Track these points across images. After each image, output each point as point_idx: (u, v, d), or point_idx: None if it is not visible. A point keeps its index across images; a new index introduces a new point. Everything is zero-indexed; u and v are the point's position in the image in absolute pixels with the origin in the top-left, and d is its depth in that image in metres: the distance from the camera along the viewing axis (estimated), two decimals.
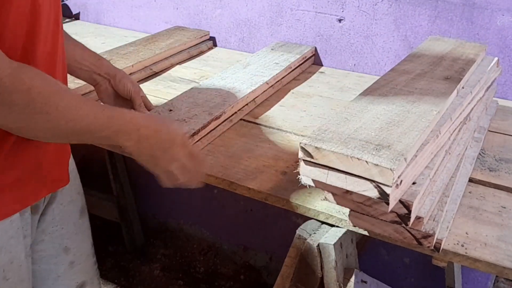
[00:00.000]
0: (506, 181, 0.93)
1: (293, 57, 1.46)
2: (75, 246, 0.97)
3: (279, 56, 1.47)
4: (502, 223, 0.81)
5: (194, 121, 1.06)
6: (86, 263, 1.01)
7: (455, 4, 1.36)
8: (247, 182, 0.92)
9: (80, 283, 0.99)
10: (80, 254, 0.98)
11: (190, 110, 1.11)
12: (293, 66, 1.45)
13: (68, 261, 0.96)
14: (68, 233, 0.95)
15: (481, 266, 0.74)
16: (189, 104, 1.14)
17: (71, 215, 0.95)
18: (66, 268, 0.96)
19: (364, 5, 1.47)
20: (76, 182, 0.98)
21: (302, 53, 1.51)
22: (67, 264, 0.96)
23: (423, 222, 0.72)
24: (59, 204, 0.92)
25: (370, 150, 0.69)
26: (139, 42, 1.59)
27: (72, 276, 0.97)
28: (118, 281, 1.97)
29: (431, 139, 0.77)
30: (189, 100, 1.16)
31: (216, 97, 1.18)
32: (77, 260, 0.98)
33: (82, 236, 0.99)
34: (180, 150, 0.80)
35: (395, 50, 1.48)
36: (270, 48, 1.55)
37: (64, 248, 0.94)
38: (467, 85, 1.01)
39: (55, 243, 0.93)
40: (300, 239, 0.87)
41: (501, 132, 1.13)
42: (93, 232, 1.05)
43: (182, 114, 1.09)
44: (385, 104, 0.85)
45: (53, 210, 0.91)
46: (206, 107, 1.12)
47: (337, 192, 0.73)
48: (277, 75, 1.35)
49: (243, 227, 2.00)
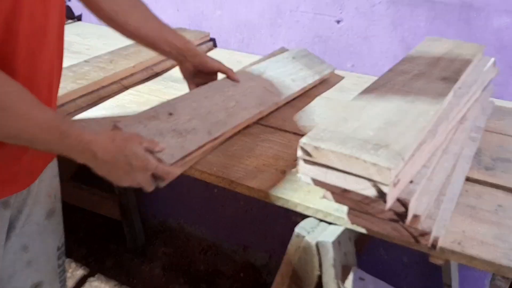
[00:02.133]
0: (502, 180, 0.94)
1: (311, 78, 1.37)
2: (35, 246, 0.96)
3: (298, 70, 1.38)
4: (499, 221, 0.82)
5: (189, 139, 0.96)
6: (46, 264, 1.00)
7: (452, 5, 1.37)
8: (247, 181, 0.93)
9: (36, 283, 0.99)
10: (39, 254, 0.98)
11: (190, 120, 1.01)
12: (308, 88, 1.36)
13: (26, 260, 0.96)
14: (29, 232, 0.94)
15: (478, 264, 0.75)
16: (191, 111, 1.04)
17: (36, 215, 0.95)
18: (23, 266, 0.96)
19: (362, 7, 1.48)
20: (49, 184, 0.97)
21: (322, 74, 1.42)
22: (24, 262, 0.95)
23: (420, 220, 0.73)
24: (28, 203, 0.92)
25: (368, 150, 0.69)
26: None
27: (28, 274, 0.97)
28: (119, 279, 1.98)
29: (428, 138, 0.79)
30: (193, 105, 1.06)
31: (221, 112, 1.08)
32: (34, 260, 0.97)
33: (45, 237, 0.98)
34: (140, 174, 0.81)
35: (393, 51, 1.49)
36: (291, 56, 1.43)
37: (23, 246, 0.94)
38: (464, 85, 1.02)
39: (15, 241, 0.93)
40: (299, 237, 0.87)
41: (497, 132, 1.14)
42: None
43: (180, 124, 0.98)
44: (383, 104, 0.86)
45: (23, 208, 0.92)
46: (206, 123, 1.02)
47: (336, 190, 0.74)
48: (289, 96, 1.26)
49: (243, 226, 2.01)
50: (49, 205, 0.98)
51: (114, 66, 1.38)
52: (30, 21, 0.74)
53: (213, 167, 0.98)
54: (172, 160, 0.89)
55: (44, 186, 0.96)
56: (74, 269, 2.01)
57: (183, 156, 0.92)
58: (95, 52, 1.56)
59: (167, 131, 0.96)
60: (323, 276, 0.87)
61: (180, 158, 0.91)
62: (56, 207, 1.00)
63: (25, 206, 0.92)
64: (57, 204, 1.01)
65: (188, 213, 2.15)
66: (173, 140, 0.94)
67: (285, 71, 1.35)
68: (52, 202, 0.99)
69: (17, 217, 0.91)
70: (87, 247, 2.11)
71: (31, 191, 0.92)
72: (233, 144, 1.08)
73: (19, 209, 0.91)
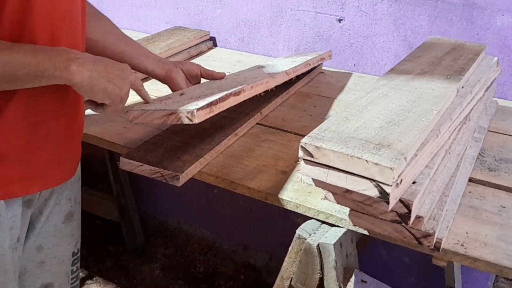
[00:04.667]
0: (505, 181, 0.93)
1: (310, 57, 1.40)
2: (50, 247, 0.96)
3: (296, 58, 1.41)
4: (502, 222, 0.82)
5: (211, 96, 0.94)
6: (58, 267, 1.00)
7: (455, 4, 1.36)
8: (247, 182, 0.92)
9: (46, 283, 0.99)
10: (53, 256, 0.98)
11: (204, 91, 1.00)
12: (312, 63, 1.37)
13: (39, 260, 0.96)
14: (46, 233, 0.95)
15: (481, 265, 0.74)
16: (203, 89, 1.03)
17: (55, 217, 0.95)
18: (35, 265, 0.96)
19: (364, 5, 1.48)
20: (71, 188, 0.98)
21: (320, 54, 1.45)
22: (36, 262, 0.96)
23: (423, 221, 0.72)
24: (49, 204, 0.93)
25: (370, 149, 0.69)
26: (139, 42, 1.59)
27: (39, 274, 0.97)
28: (118, 280, 1.97)
29: (431, 138, 0.78)
30: (202, 87, 1.06)
31: (233, 83, 1.07)
32: (48, 261, 0.97)
33: (60, 241, 0.98)
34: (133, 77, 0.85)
35: (395, 50, 1.48)
36: (284, 57, 1.50)
37: (38, 246, 0.95)
38: (467, 85, 1.02)
39: (32, 240, 0.93)
40: (300, 239, 0.87)
41: (500, 132, 1.13)
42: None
43: (195, 94, 0.98)
44: (385, 104, 0.85)
45: (44, 209, 0.92)
46: (223, 88, 1.01)
47: (337, 191, 0.73)
48: (296, 68, 1.27)
49: (243, 227, 2.01)
50: (68, 208, 0.98)
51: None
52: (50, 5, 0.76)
53: (213, 168, 0.97)
54: (198, 106, 0.87)
55: (66, 189, 0.96)
56: None
57: (208, 103, 0.89)
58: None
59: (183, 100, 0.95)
60: (324, 279, 0.87)
61: (206, 106, 0.88)
62: (75, 211, 1.00)
63: (46, 208, 0.92)
64: (76, 209, 1.01)
65: (188, 213, 2.15)
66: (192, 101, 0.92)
67: (283, 62, 1.37)
68: (72, 206, 0.99)
69: (37, 217, 0.92)
70: (86, 248, 2.10)
71: (54, 193, 0.93)
72: (233, 144, 1.07)
73: (40, 210, 0.92)
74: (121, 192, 1.97)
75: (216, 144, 1.01)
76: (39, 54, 0.72)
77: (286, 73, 1.21)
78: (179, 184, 0.90)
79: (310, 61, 1.36)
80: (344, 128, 0.75)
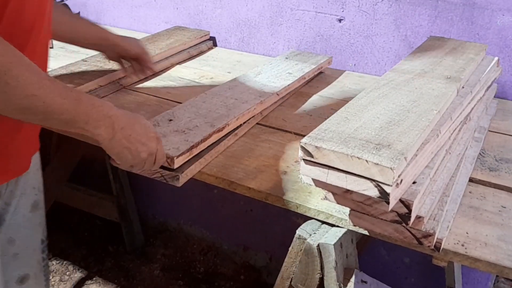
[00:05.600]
0: (506, 181, 0.93)
1: (308, 68, 1.38)
2: (21, 238, 0.97)
3: (293, 65, 1.40)
4: (502, 222, 0.81)
5: (194, 133, 0.98)
6: (31, 257, 1.01)
7: (455, 4, 1.36)
8: (247, 182, 0.92)
9: (22, 275, 0.99)
10: (25, 247, 0.98)
11: (191, 120, 1.03)
12: (307, 77, 1.37)
13: (12, 252, 0.96)
14: (15, 225, 0.95)
15: (481, 265, 0.74)
16: (191, 114, 1.06)
17: (22, 207, 0.95)
18: (9, 258, 0.96)
19: (364, 5, 1.47)
20: (34, 177, 0.98)
21: (318, 63, 1.43)
22: (10, 255, 0.96)
23: (423, 221, 0.72)
24: (16, 194, 0.93)
25: (370, 149, 0.69)
26: None
27: (14, 267, 0.97)
28: (118, 281, 1.97)
29: (431, 138, 0.77)
30: (192, 109, 1.09)
31: (221, 108, 1.10)
32: (21, 253, 0.97)
33: (30, 230, 0.99)
34: (155, 143, 0.83)
35: (395, 50, 1.48)
36: (284, 57, 1.47)
37: (9, 238, 0.94)
38: (467, 84, 1.01)
39: (3, 233, 0.93)
40: (300, 239, 0.87)
41: (501, 132, 1.13)
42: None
43: (182, 125, 1.01)
44: (385, 104, 0.85)
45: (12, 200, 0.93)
46: (209, 119, 1.04)
47: (338, 191, 0.73)
48: (288, 86, 1.26)
49: (243, 227, 2.00)
50: (34, 197, 0.98)
51: (112, 65, 1.37)
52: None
53: (213, 168, 0.97)
54: (178, 153, 0.90)
55: (30, 178, 0.96)
56: (72, 271, 2.00)
57: (188, 148, 0.92)
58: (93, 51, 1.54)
59: (169, 132, 0.98)
60: (324, 279, 0.87)
61: (186, 150, 0.92)
62: (39, 199, 1.01)
63: (13, 198, 0.92)
64: (40, 197, 1.01)
65: (188, 214, 2.14)
66: (176, 138, 0.96)
67: (280, 69, 1.38)
68: (36, 194, 0.99)
69: (5, 209, 0.92)
70: (86, 248, 2.10)
71: (19, 182, 0.93)
72: (233, 144, 1.06)
73: (7, 201, 0.92)
74: (121, 192, 1.96)
75: (216, 144, 1.01)
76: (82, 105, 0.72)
77: (277, 94, 1.22)
78: (179, 184, 0.90)
79: (306, 74, 1.36)
80: (344, 128, 0.75)
